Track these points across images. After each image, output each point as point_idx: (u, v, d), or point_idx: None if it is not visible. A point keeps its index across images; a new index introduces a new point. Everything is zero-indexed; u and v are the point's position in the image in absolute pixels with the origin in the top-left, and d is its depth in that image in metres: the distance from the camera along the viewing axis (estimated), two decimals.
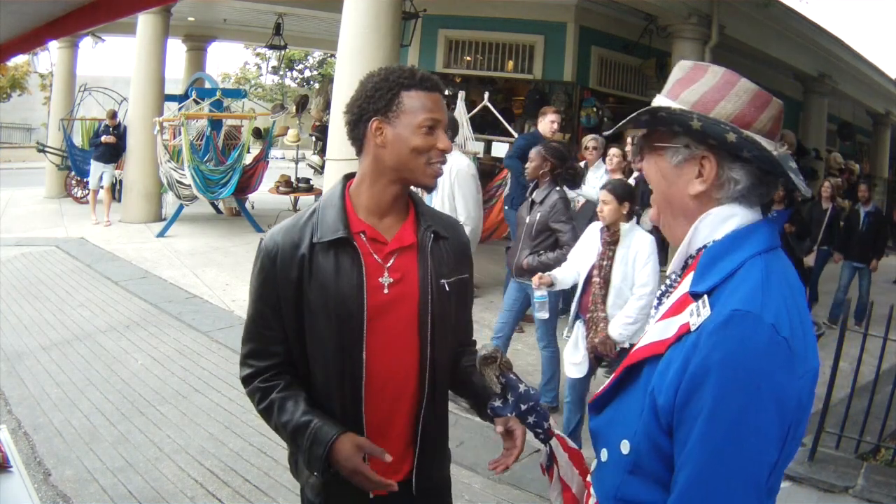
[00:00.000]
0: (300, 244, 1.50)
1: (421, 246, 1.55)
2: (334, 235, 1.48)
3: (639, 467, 1.06)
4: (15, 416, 3.91)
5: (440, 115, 1.50)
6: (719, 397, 0.93)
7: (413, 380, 1.54)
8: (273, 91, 27.77)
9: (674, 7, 8.56)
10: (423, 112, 1.47)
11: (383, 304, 1.50)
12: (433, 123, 1.48)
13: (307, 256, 1.49)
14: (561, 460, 1.41)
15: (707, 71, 1.11)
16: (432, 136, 1.49)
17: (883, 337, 3.69)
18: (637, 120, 1.12)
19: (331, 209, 1.53)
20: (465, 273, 1.63)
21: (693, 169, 1.09)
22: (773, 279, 1.01)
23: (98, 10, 1.47)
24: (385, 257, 1.52)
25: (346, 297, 1.47)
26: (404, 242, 1.54)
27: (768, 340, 0.95)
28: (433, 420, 1.58)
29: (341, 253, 1.49)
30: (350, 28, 5.74)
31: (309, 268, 1.48)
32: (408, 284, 1.53)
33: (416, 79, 1.50)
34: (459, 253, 1.63)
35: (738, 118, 1.06)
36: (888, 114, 15.43)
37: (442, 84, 1.56)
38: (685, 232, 1.11)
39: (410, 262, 1.54)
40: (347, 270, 1.48)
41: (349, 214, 1.53)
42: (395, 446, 1.54)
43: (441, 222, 1.63)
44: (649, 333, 1.11)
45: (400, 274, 1.52)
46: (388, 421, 1.55)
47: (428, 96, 1.49)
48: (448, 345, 1.59)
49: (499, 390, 1.45)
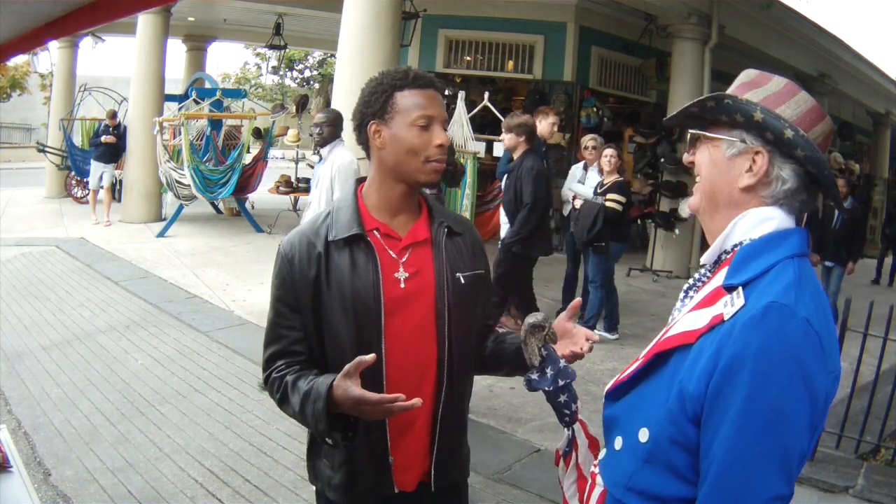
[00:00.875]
0: (316, 244, 1.52)
1: (435, 241, 1.57)
2: (349, 232, 1.51)
3: (655, 456, 1.08)
4: (15, 416, 3.91)
5: (434, 110, 1.50)
6: (755, 386, 0.96)
7: (432, 375, 1.55)
8: (273, 91, 27.76)
9: (674, 7, 8.57)
10: (416, 110, 1.49)
11: (400, 299, 1.51)
12: (427, 121, 1.49)
13: (323, 255, 1.51)
14: (581, 447, 1.39)
15: (772, 79, 1.15)
16: (427, 133, 1.49)
17: (883, 337, 3.69)
18: (702, 104, 1.15)
19: (344, 209, 1.56)
20: (480, 269, 1.64)
21: (745, 163, 1.12)
22: (805, 282, 1.04)
23: (98, 10, 1.47)
24: (399, 252, 1.54)
25: (363, 292, 1.48)
26: (418, 237, 1.56)
27: (804, 333, 0.98)
28: (452, 416, 1.58)
29: (356, 250, 1.51)
30: (350, 28, 5.75)
31: (326, 266, 1.51)
32: (423, 278, 1.54)
33: (409, 78, 1.51)
34: (475, 249, 1.65)
35: (795, 123, 1.09)
36: (888, 114, 15.43)
37: (437, 81, 1.56)
38: (724, 224, 1.14)
39: (425, 257, 1.56)
40: (363, 266, 1.50)
41: (362, 213, 1.55)
42: (416, 443, 1.55)
43: (454, 219, 1.65)
44: (679, 323, 1.12)
45: (415, 268, 1.54)
46: (409, 416, 1.53)
47: (421, 93, 1.50)
48: (467, 339, 1.59)
49: (538, 363, 1.42)
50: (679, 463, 1.05)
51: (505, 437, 3.84)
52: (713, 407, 1.00)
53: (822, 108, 1.13)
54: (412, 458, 1.56)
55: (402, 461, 1.55)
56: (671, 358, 1.09)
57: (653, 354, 1.13)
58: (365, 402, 1.32)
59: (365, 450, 1.53)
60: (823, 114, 1.13)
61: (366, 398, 1.32)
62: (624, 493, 1.12)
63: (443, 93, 1.57)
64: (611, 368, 5.06)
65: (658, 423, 1.07)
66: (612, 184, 5.71)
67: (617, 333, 5.90)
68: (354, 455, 1.54)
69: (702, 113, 1.17)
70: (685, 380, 1.04)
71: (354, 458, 1.54)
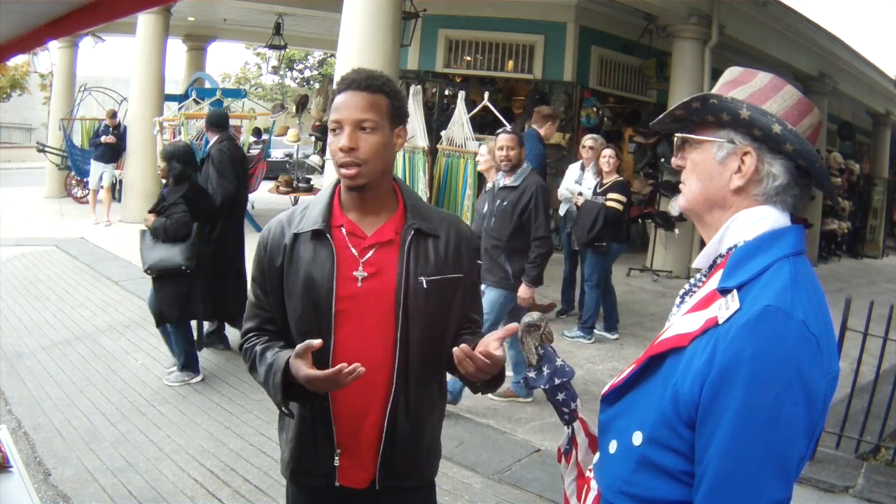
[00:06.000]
0: (286, 234, 1.59)
1: (401, 242, 1.56)
2: (312, 227, 1.56)
3: (649, 459, 1.07)
4: (15, 416, 3.91)
5: (341, 114, 1.50)
6: (752, 390, 0.95)
7: (385, 375, 1.55)
8: (273, 91, 27.77)
9: (674, 7, 8.57)
10: (332, 114, 1.52)
11: (354, 296, 1.53)
12: (336, 125, 1.51)
13: (289, 246, 1.58)
14: (581, 445, 1.40)
15: (756, 75, 1.15)
16: (337, 137, 1.51)
17: (883, 337, 3.68)
18: (688, 106, 1.14)
19: (318, 204, 1.61)
20: (456, 272, 1.60)
21: (734, 164, 1.11)
22: (801, 282, 1.03)
23: (98, 10, 1.47)
24: (362, 251, 1.55)
25: (318, 284, 1.53)
26: (382, 238, 1.57)
27: (800, 336, 0.97)
28: (405, 417, 1.58)
29: (318, 244, 1.56)
30: (350, 28, 5.74)
31: (290, 255, 1.57)
32: (384, 279, 1.55)
33: (339, 83, 1.54)
34: (454, 251, 1.61)
35: (782, 117, 1.09)
36: (888, 114, 15.40)
37: (364, 80, 1.51)
38: (717, 225, 1.14)
39: (389, 258, 1.56)
40: (321, 260, 1.54)
41: (334, 209, 1.59)
42: (366, 440, 1.58)
43: (434, 220, 1.61)
44: (673, 326, 1.12)
45: (375, 268, 1.55)
46: (358, 413, 1.57)
47: (339, 97, 1.52)
48: (429, 343, 1.58)
49: (535, 361, 1.43)
50: (673, 466, 1.05)
51: (505, 437, 3.83)
52: (708, 411, 0.99)
53: (809, 101, 1.13)
54: (361, 456, 1.59)
55: (351, 458, 1.58)
56: (665, 361, 1.09)
57: (647, 358, 1.12)
58: (314, 380, 1.41)
59: (310, 434, 1.59)
60: (811, 106, 1.12)
61: (312, 375, 1.40)
62: (617, 496, 1.12)
63: (373, 91, 1.51)
64: (611, 368, 5.06)
65: (652, 426, 1.07)
66: (613, 183, 5.71)
67: (617, 333, 5.91)
68: (303, 435, 1.60)
69: (688, 115, 1.16)
70: (679, 383, 1.03)
71: (302, 438, 1.60)
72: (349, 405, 1.56)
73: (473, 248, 1.70)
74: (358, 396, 1.55)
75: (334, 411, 1.56)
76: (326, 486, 1.60)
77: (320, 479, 1.60)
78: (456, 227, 1.65)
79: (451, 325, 1.62)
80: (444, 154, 6.40)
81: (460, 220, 1.74)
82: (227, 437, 3.76)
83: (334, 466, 1.58)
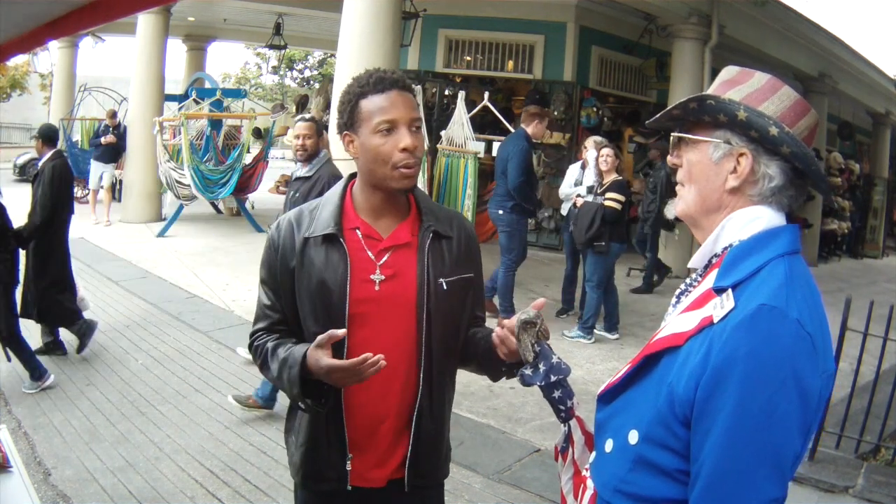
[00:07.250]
0: (297, 236, 1.56)
1: (419, 245, 1.55)
2: (324, 231, 1.53)
3: (645, 458, 1.07)
4: (15, 416, 3.91)
5: (396, 113, 1.47)
6: (746, 389, 0.96)
7: (401, 375, 1.54)
8: (273, 91, 27.78)
9: (674, 7, 8.57)
10: (378, 115, 1.47)
11: (371, 300, 1.52)
12: (389, 125, 1.47)
13: (301, 249, 1.55)
14: (577, 443, 1.40)
15: (753, 76, 1.14)
16: (391, 137, 1.47)
17: (883, 337, 3.68)
18: (685, 106, 1.14)
19: (329, 206, 1.58)
20: (469, 272, 1.62)
21: (730, 165, 1.11)
22: (796, 280, 1.03)
23: (98, 10, 1.46)
24: (378, 254, 1.54)
25: (331, 288, 1.51)
26: (399, 240, 1.55)
27: (794, 335, 0.97)
28: (430, 419, 1.58)
29: (331, 247, 1.53)
30: (350, 28, 5.75)
31: (301, 259, 1.54)
32: (403, 282, 1.53)
33: (371, 83, 1.49)
34: (465, 251, 1.62)
35: (779, 119, 1.09)
36: (888, 114, 15.40)
37: (403, 81, 1.51)
38: (713, 227, 1.14)
39: (407, 261, 1.55)
40: (335, 264, 1.52)
41: (346, 211, 1.57)
42: (384, 441, 1.56)
43: (445, 221, 1.62)
44: (669, 326, 1.12)
45: (393, 271, 1.53)
46: (376, 415, 1.56)
47: (383, 97, 1.48)
48: (449, 342, 1.59)
49: (531, 358, 1.42)
50: (668, 465, 1.05)
51: (505, 437, 3.83)
52: (704, 410, 0.99)
53: (807, 102, 1.13)
54: (378, 457, 1.57)
55: (365, 460, 1.56)
56: (661, 360, 1.09)
57: (642, 357, 1.13)
58: (335, 370, 1.39)
59: (323, 436, 1.57)
60: (808, 107, 1.12)
61: (335, 366, 1.38)
62: (613, 494, 1.12)
63: (411, 92, 1.52)
64: (611, 368, 5.06)
65: (648, 424, 1.07)
66: (612, 183, 5.71)
67: (617, 333, 5.91)
68: (316, 438, 1.58)
69: (684, 115, 1.16)
70: (675, 381, 1.03)
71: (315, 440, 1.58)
72: (365, 406, 1.55)
73: (478, 245, 1.71)
74: (375, 397, 1.54)
75: (347, 413, 1.55)
76: (338, 490, 1.58)
77: (332, 483, 1.58)
78: (463, 226, 1.66)
79: (464, 324, 1.63)
80: (444, 154, 6.41)
81: (462, 216, 1.75)
82: (227, 437, 3.76)
83: (346, 470, 1.56)
